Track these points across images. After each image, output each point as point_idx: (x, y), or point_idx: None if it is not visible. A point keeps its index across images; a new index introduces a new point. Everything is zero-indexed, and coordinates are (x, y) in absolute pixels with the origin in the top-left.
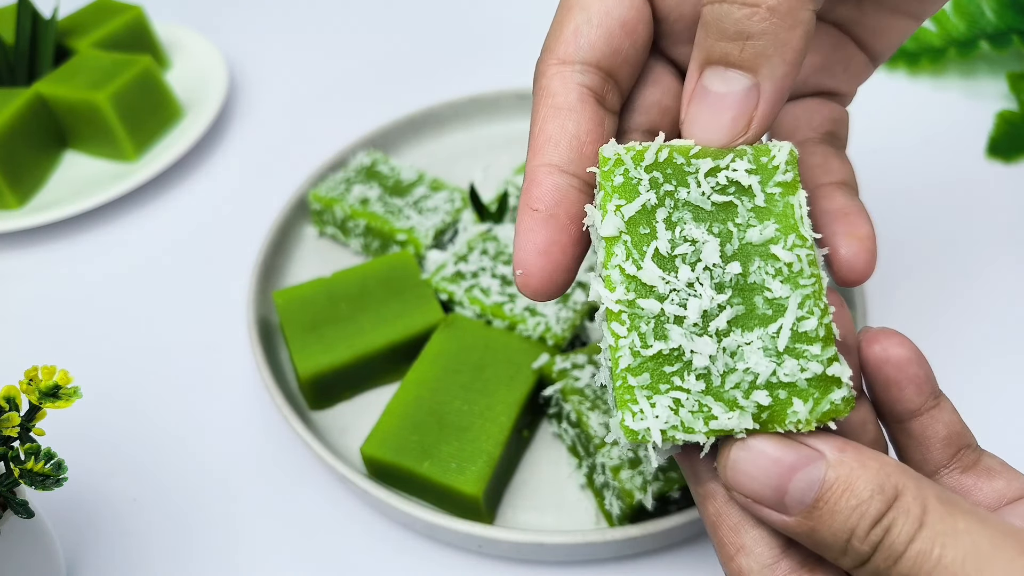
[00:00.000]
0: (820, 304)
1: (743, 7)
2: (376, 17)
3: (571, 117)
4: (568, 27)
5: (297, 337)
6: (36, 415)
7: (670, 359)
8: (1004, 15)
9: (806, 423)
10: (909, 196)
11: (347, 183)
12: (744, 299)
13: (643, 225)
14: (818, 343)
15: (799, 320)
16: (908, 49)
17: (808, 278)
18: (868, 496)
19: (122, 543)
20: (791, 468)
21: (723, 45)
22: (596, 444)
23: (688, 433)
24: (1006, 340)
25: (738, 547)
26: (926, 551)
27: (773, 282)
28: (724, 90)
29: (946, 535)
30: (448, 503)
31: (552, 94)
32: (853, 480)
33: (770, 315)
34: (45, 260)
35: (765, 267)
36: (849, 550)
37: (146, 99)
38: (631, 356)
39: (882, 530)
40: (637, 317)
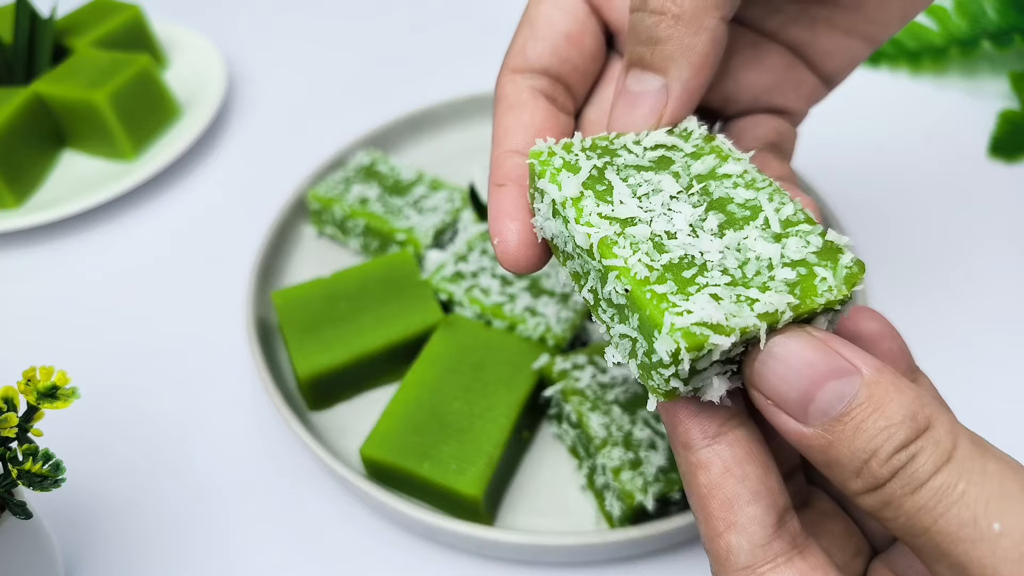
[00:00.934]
0: (785, 196)
1: (652, 15)
2: (375, 16)
3: (524, 111)
4: (518, 42)
5: (296, 337)
6: (34, 416)
7: (683, 265)
8: (1006, 14)
9: (838, 289)
10: (911, 195)
11: (346, 183)
12: (719, 208)
13: (599, 184)
14: (804, 223)
15: (777, 210)
16: (910, 48)
17: (763, 182)
18: (899, 420)
19: (120, 544)
20: (824, 375)
21: (639, 49)
22: (596, 445)
23: (741, 319)
24: (1008, 340)
25: (729, 523)
26: (950, 484)
27: (736, 191)
28: (639, 89)
29: (973, 472)
30: (448, 504)
31: (505, 96)
32: (886, 402)
33: (749, 214)
34: (43, 260)
35: (722, 184)
36: (864, 471)
37: (144, 98)
38: (647, 269)
39: (907, 456)
40: (633, 242)
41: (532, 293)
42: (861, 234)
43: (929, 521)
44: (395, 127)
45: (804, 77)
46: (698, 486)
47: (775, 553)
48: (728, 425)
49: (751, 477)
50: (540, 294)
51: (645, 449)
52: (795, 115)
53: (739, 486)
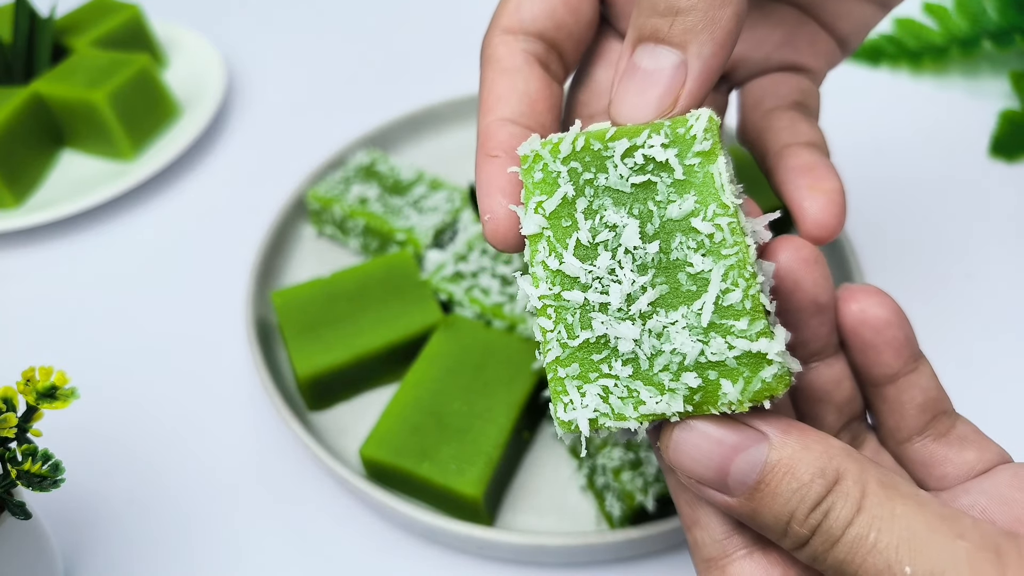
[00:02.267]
0: (744, 274)
1: None
2: (375, 16)
3: (519, 77)
4: (512, 1)
5: (295, 338)
6: (33, 416)
7: (597, 347)
8: (1007, 14)
9: (739, 404)
10: (911, 195)
11: (346, 182)
12: (668, 277)
13: (564, 218)
14: (744, 316)
15: (723, 293)
16: (911, 48)
17: (731, 247)
18: (809, 479)
19: (120, 544)
20: (733, 449)
21: (654, 21)
22: (596, 445)
23: (619, 420)
24: (1008, 339)
25: (693, 520)
26: (862, 535)
27: (695, 256)
28: (653, 66)
29: (883, 519)
30: (448, 505)
31: (498, 59)
32: (795, 463)
33: (694, 291)
34: (42, 260)
35: (687, 242)
36: (789, 532)
37: (144, 98)
38: (559, 348)
39: (821, 514)
40: (563, 309)
41: None
42: (861, 233)
43: (852, 571)
44: (395, 127)
45: (817, 34)
46: (671, 486)
47: (736, 547)
48: None
49: None
50: None
51: (645, 450)
52: (813, 73)
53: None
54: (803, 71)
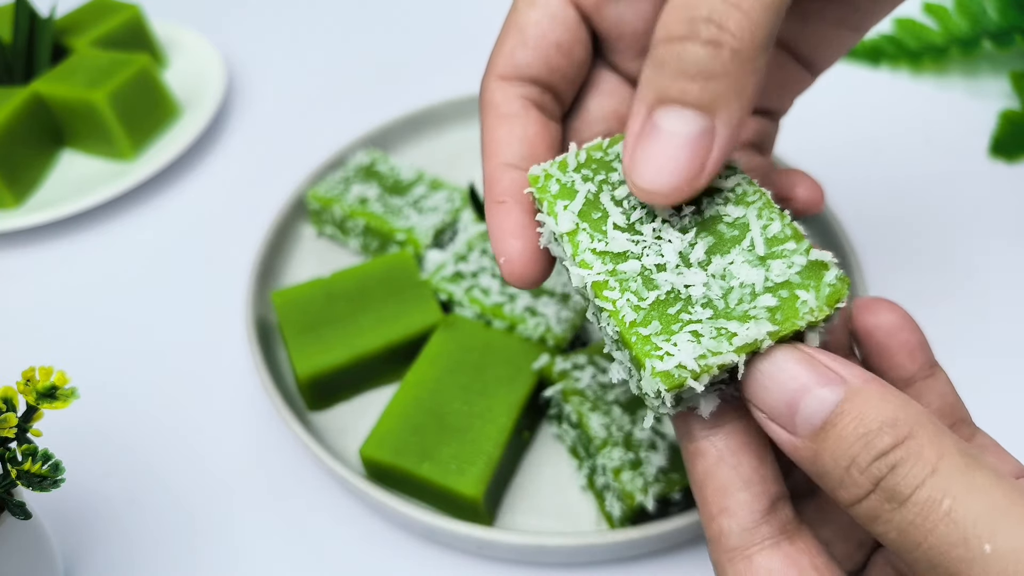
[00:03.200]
0: (774, 211)
1: (707, 46)
2: (375, 16)
3: (517, 122)
4: (506, 47)
5: (295, 337)
6: (33, 416)
7: (669, 302)
8: (1007, 14)
9: (819, 309)
10: (911, 195)
11: (346, 182)
12: (709, 231)
13: (594, 211)
14: (790, 240)
15: (764, 228)
16: (911, 48)
17: (753, 195)
18: (877, 427)
19: (120, 544)
20: (806, 386)
21: (682, 84)
22: (597, 445)
23: (718, 356)
24: (1009, 340)
25: (721, 508)
26: (935, 500)
27: (726, 208)
28: (679, 131)
29: (959, 487)
30: (448, 505)
31: (496, 105)
32: (867, 409)
33: (737, 235)
34: (42, 260)
35: (713, 200)
36: (847, 481)
37: (144, 98)
38: (633, 311)
39: (886, 466)
40: (623, 280)
41: (532, 293)
42: (861, 234)
43: (920, 538)
44: (395, 127)
45: (791, 74)
46: (696, 472)
47: (763, 536)
48: (726, 417)
49: (744, 465)
50: (540, 294)
51: (645, 449)
52: (779, 112)
53: (732, 473)
54: (768, 113)
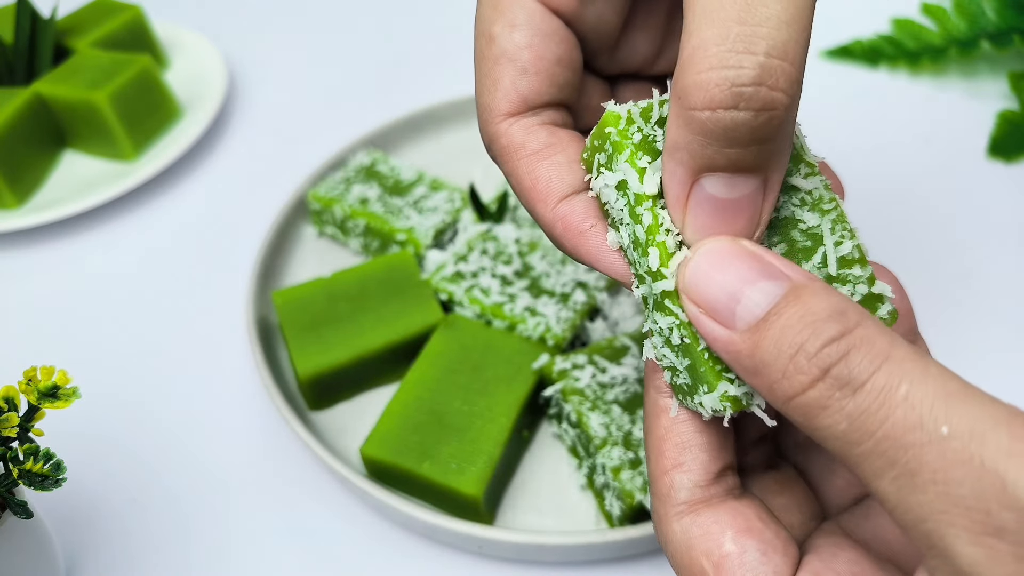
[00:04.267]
0: (847, 227)
1: (762, 112)
2: (376, 16)
3: (556, 151)
4: (503, 81)
5: (296, 337)
6: (35, 415)
7: None
8: (1005, 14)
9: None
10: (910, 196)
11: (346, 183)
12: (783, 236)
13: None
14: (856, 265)
15: (837, 245)
16: (909, 49)
17: (829, 203)
18: (826, 316)
19: (121, 543)
20: (749, 279)
21: (734, 153)
22: (596, 445)
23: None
24: (1008, 340)
25: (677, 463)
26: (892, 385)
27: (803, 213)
28: (736, 196)
29: (915, 373)
30: (448, 504)
31: (521, 146)
32: (813, 300)
33: (810, 246)
34: (44, 260)
35: (790, 200)
36: (791, 369)
37: (145, 99)
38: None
39: (838, 352)
40: None
41: (532, 293)
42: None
43: (874, 426)
44: (395, 127)
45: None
46: (658, 427)
47: (712, 495)
48: None
49: (708, 431)
50: (540, 294)
51: (645, 449)
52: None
53: (695, 434)
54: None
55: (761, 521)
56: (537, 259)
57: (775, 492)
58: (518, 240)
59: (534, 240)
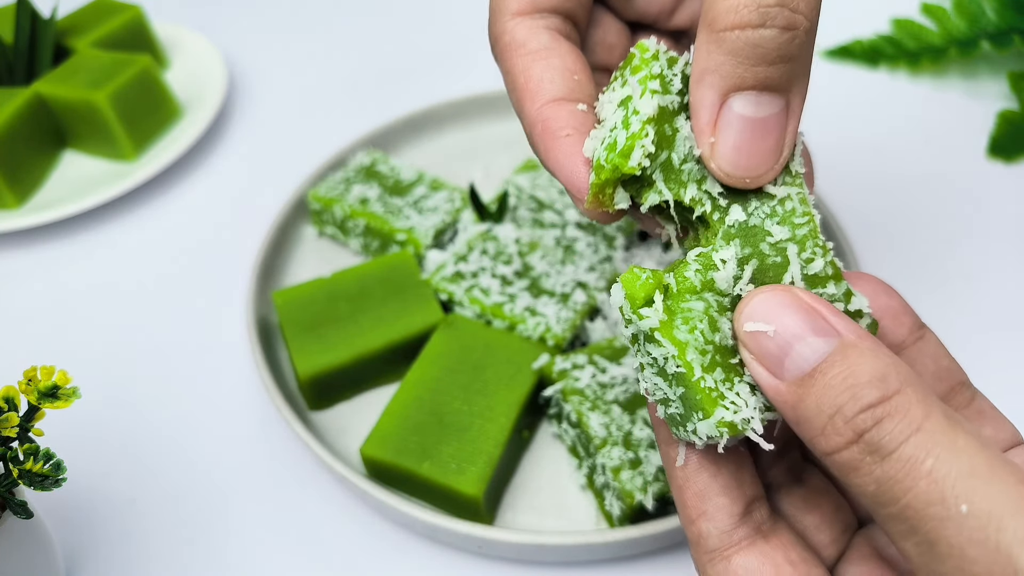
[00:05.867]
0: (819, 242)
1: (786, 31)
2: (376, 17)
3: (553, 55)
4: None
5: (296, 337)
6: (35, 415)
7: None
8: (1005, 14)
9: None
10: (910, 196)
11: (346, 183)
12: (753, 248)
13: (667, 125)
14: (830, 281)
15: (806, 263)
16: (909, 49)
17: (802, 216)
18: (867, 380)
19: (121, 543)
20: (803, 332)
21: (759, 70)
22: (596, 445)
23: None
24: (1007, 339)
25: (700, 512)
26: (918, 458)
27: (772, 225)
28: (763, 114)
29: (942, 448)
30: (448, 504)
31: (522, 43)
32: (858, 363)
33: (779, 262)
34: (44, 260)
35: (761, 207)
36: (829, 429)
37: (145, 99)
38: (699, 355)
39: (872, 419)
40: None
41: (532, 293)
42: (860, 234)
43: (900, 493)
44: (395, 127)
45: None
46: (675, 478)
47: (740, 537)
48: None
49: (723, 472)
50: (540, 294)
51: (645, 448)
52: None
53: (711, 479)
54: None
55: (791, 564)
56: (537, 259)
57: (804, 510)
58: (518, 240)
59: (534, 240)
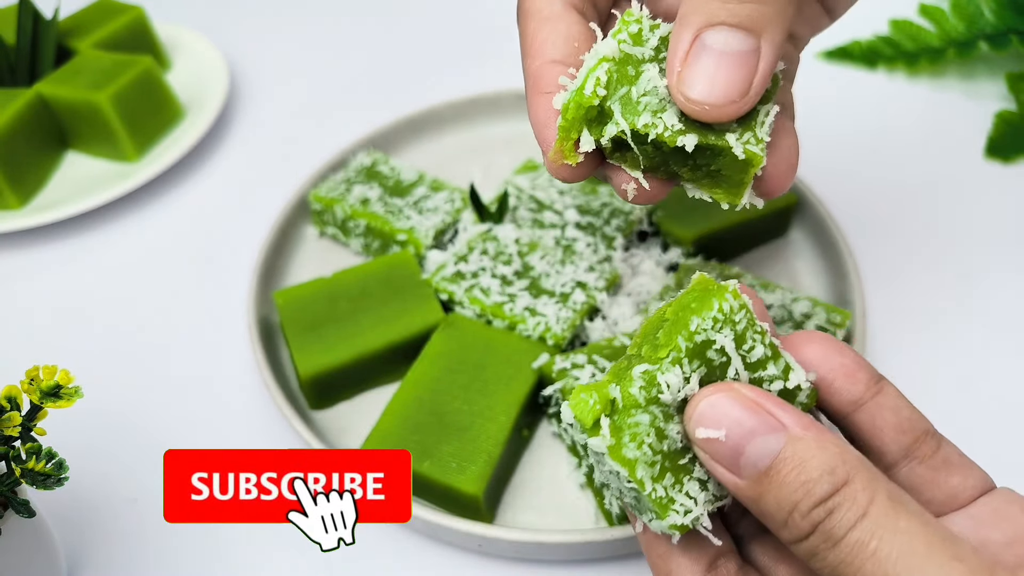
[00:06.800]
0: (757, 328)
1: None
2: (376, 17)
3: (560, 23)
4: None
5: (298, 337)
6: (37, 415)
7: (679, 453)
8: (1003, 16)
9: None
10: (908, 196)
11: (347, 183)
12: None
13: (631, 67)
14: (770, 362)
15: (748, 352)
16: (907, 50)
17: (739, 311)
18: (817, 476)
19: (123, 543)
20: (751, 432)
21: (732, 7)
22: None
23: (722, 499)
24: (1006, 341)
25: (665, 572)
26: (863, 541)
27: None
28: (728, 49)
29: (885, 530)
30: (448, 502)
31: (537, 10)
32: (808, 458)
33: (725, 361)
34: (46, 260)
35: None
36: (790, 523)
37: (147, 99)
38: (648, 468)
39: (825, 511)
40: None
41: (532, 293)
42: (858, 235)
43: (849, 573)
44: (396, 128)
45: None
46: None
47: None
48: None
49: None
50: (540, 294)
51: None
52: (796, 39)
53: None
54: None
55: None
56: (537, 259)
57: (777, 559)
58: (518, 240)
59: (534, 240)
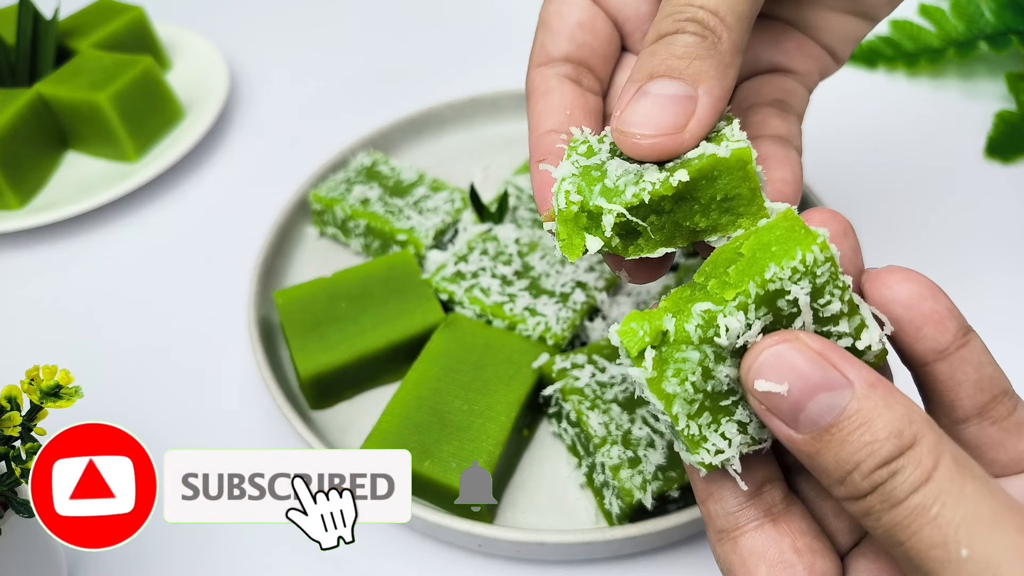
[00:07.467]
0: (839, 284)
1: (695, 36)
2: (377, 17)
3: (555, 95)
4: (537, 42)
5: (298, 337)
6: (37, 415)
7: (724, 394)
8: (1003, 16)
9: None
10: (908, 196)
11: (347, 183)
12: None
13: (594, 171)
14: (843, 319)
15: (824, 306)
16: (907, 50)
17: (823, 263)
18: (884, 436)
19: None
20: (815, 387)
21: (671, 62)
22: (596, 444)
23: (760, 443)
24: (1006, 341)
25: (708, 493)
26: (925, 505)
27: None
28: (667, 93)
29: (949, 495)
30: (448, 502)
31: (536, 87)
32: (874, 417)
33: (795, 312)
34: (46, 260)
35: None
36: (848, 482)
37: (147, 100)
38: (686, 405)
39: (888, 473)
40: (680, 370)
41: (532, 293)
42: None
43: (904, 537)
44: (396, 128)
45: (805, 41)
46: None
47: (748, 519)
48: None
49: None
50: (540, 294)
51: (644, 447)
52: (801, 75)
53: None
54: (789, 72)
55: (796, 552)
56: (537, 259)
57: (823, 494)
58: (518, 240)
59: (534, 240)
